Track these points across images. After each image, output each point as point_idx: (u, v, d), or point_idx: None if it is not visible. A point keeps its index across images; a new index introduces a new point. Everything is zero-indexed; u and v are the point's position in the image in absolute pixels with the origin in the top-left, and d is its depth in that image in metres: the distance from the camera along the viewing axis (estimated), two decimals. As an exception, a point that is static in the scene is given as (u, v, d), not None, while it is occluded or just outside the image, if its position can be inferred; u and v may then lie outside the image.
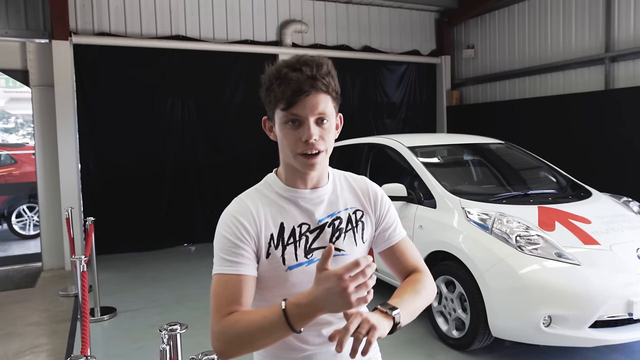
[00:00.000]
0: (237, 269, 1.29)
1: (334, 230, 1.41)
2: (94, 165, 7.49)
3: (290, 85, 1.26)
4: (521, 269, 3.57)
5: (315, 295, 1.13)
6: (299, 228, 1.38)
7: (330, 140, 1.35)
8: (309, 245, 1.37)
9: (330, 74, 1.31)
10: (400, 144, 5.12)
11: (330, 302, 1.12)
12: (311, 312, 1.15)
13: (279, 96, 1.29)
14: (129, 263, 7.07)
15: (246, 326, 1.21)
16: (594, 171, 6.72)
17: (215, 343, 1.24)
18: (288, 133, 1.31)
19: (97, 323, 4.87)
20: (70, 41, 6.99)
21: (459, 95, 10.01)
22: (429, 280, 1.47)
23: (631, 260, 3.64)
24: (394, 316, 1.24)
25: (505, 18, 9.00)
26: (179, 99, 7.97)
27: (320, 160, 1.33)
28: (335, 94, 1.34)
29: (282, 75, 1.28)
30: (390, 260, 1.52)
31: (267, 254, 1.34)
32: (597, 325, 3.48)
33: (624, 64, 7.15)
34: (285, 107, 1.28)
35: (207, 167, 8.15)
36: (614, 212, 4.29)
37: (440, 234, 4.19)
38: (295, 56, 1.32)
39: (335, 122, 1.38)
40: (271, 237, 1.35)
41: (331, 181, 1.46)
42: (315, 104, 1.28)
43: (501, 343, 3.87)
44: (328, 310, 1.14)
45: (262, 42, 8.47)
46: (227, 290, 1.28)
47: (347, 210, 1.45)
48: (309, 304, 1.14)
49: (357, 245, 1.44)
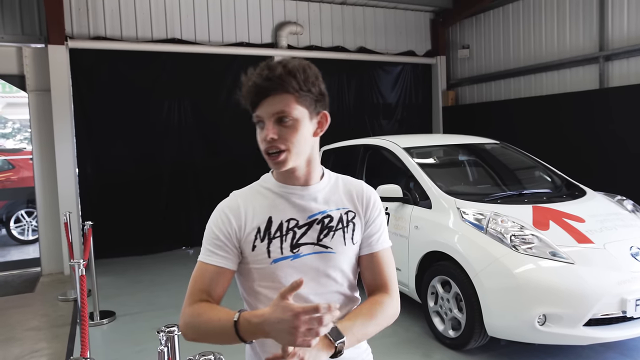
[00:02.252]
0: (216, 260, 1.37)
1: (323, 228, 1.43)
2: (91, 170, 7.51)
3: (252, 89, 1.34)
4: (516, 268, 3.61)
5: (266, 319, 1.17)
6: (287, 223, 1.41)
7: (297, 140, 1.35)
8: (296, 240, 1.40)
9: (289, 74, 1.32)
10: (395, 145, 5.16)
11: (277, 332, 1.15)
12: (258, 332, 1.20)
13: (246, 100, 1.37)
14: (128, 267, 7.10)
15: (204, 322, 1.30)
16: (588, 170, 6.77)
17: (181, 324, 1.36)
18: (258, 134, 1.38)
19: (96, 327, 4.89)
20: (66, 45, 7.01)
21: (455, 96, 10.05)
22: (391, 304, 1.47)
23: (625, 259, 3.67)
24: (337, 345, 1.28)
25: (500, 18, 9.04)
26: (175, 102, 7.98)
27: (285, 158, 1.35)
28: (300, 92, 1.33)
29: (248, 80, 1.36)
30: (365, 267, 1.51)
31: (253, 247, 1.39)
32: (592, 323, 3.51)
33: (618, 63, 7.19)
34: (252, 109, 1.37)
35: (204, 170, 8.17)
36: (607, 210, 4.32)
37: (436, 235, 4.22)
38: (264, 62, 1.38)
39: (310, 121, 1.38)
40: (257, 230, 1.39)
41: (326, 180, 1.49)
42: (272, 104, 1.33)
43: (497, 342, 3.90)
44: (272, 337, 1.17)
45: (258, 44, 8.50)
46: (203, 278, 1.37)
47: (340, 210, 1.47)
48: (258, 324, 1.19)
49: (346, 245, 1.45)
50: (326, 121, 1.45)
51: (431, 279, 4.25)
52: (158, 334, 1.79)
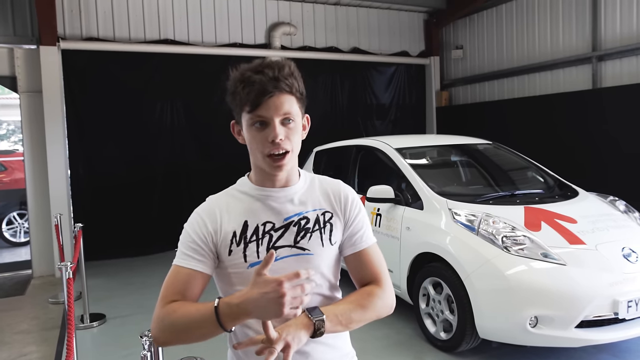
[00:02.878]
0: (191, 264, 1.36)
1: (300, 230, 1.41)
2: (83, 171, 7.45)
3: (254, 88, 1.29)
4: (507, 269, 3.58)
5: (248, 297, 1.15)
6: (263, 226, 1.40)
7: (297, 141, 1.38)
8: (273, 243, 1.39)
9: (293, 75, 1.34)
10: (387, 145, 5.13)
11: (261, 308, 1.13)
12: (240, 313, 1.17)
13: (244, 99, 1.32)
14: (119, 269, 7.05)
15: (181, 316, 1.26)
16: (581, 170, 6.76)
17: (153, 328, 1.31)
18: (255, 135, 1.34)
19: (86, 330, 4.85)
20: (58, 47, 6.96)
21: (448, 96, 10.04)
22: (383, 294, 1.44)
23: (616, 260, 3.65)
24: (315, 322, 1.27)
25: (493, 18, 9.04)
26: (168, 104, 7.94)
27: (287, 160, 1.36)
28: (299, 95, 1.36)
29: (246, 78, 1.31)
30: (353, 266, 1.49)
31: (230, 251, 1.38)
32: (583, 325, 3.49)
33: (611, 63, 7.19)
34: (250, 109, 1.31)
35: (197, 171, 8.12)
36: (600, 211, 4.30)
37: (428, 236, 4.20)
38: (257, 60, 1.36)
39: (301, 123, 1.41)
40: (233, 235, 1.38)
41: (302, 181, 1.48)
42: (279, 105, 1.31)
43: (489, 344, 3.87)
44: (255, 316, 1.16)
45: (251, 45, 8.47)
46: (176, 281, 1.35)
47: (316, 211, 1.45)
48: (239, 304, 1.17)
49: (323, 246, 1.43)
50: (308, 123, 1.47)
51: (423, 280, 4.22)
52: (141, 338, 1.76)
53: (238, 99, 1.34)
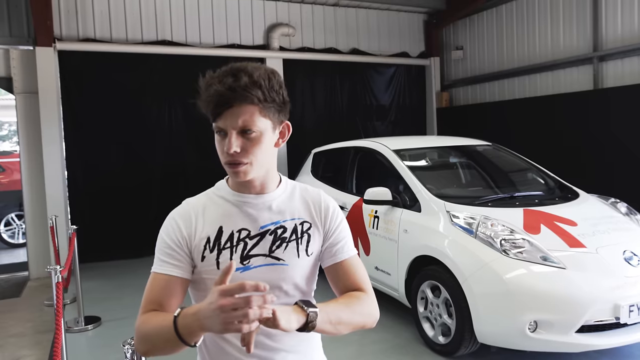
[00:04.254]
0: (167, 269, 1.31)
1: (276, 239, 1.37)
2: (80, 173, 7.40)
3: (213, 99, 1.25)
4: (506, 273, 3.52)
5: (200, 307, 1.09)
6: (238, 233, 1.35)
7: (258, 152, 1.29)
8: (247, 251, 1.34)
9: (255, 84, 1.25)
10: (385, 147, 5.08)
11: (208, 318, 1.06)
12: (195, 325, 1.10)
13: (206, 108, 1.29)
14: (116, 271, 6.99)
15: (151, 328, 1.22)
16: (583, 171, 6.69)
17: (134, 340, 1.27)
18: (217, 143, 1.32)
19: (80, 333, 4.79)
20: (54, 47, 6.92)
21: (449, 97, 9.98)
22: (369, 301, 1.41)
23: (617, 263, 3.59)
24: (309, 312, 1.20)
25: (493, 19, 8.98)
26: (166, 105, 7.89)
27: (245, 170, 1.30)
28: (265, 104, 1.27)
29: (208, 86, 1.27)
30: (334, 277, 1.45)
31: (202, 257, 1.33)
32: (584, 330, 3.43)
33: (613, 63, 7.13)
34: (212, 119, 1.29)
35: (195, 173, 8.06)
36: (601, 213, 4.24)
37: (425, 239, 4.13)
38: (226, 66, 1.29)
39: (273, 132, 1.33)
40: (207, 240, 1.34)
41: (282, 189, 1.43)
42: (236, 116, 1.25)
43: (487, 349, 3.81)
44: (208, 328, 1.08)
45: (250, 46, 8.41)
46: (154, 289, 1.30)
47: (294, 220, 1.41)
48: (193, 314, 1.11)
49: (299, 257, 1.39)
50: (288, 131, 1.40)
51: (421, 283, 4.16)
52: (123, 347, 1.70)
53: (203, 106, 1.30)
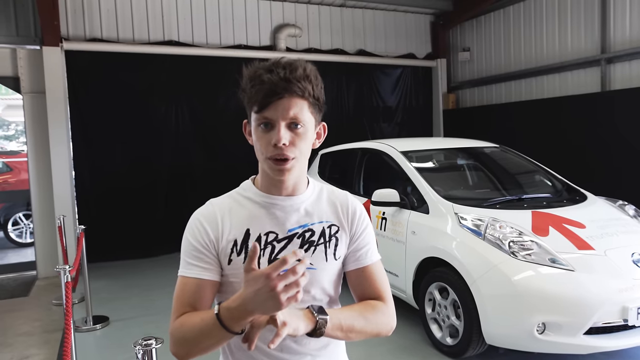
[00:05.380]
0: (195, 273, 1.30)
1: (304, 243, 1.36)
2: (88, 172, 7.42)
3: (263, 88, 1.23)
4: (514, 275, 3.52)
5: (244, 297, 1.10)
6: (266, 236, 1.34)
7: (304, 148, 1.30)
8: (274, 254, 1.33)
9: (307, 78, 1.26)
10: (393, 148, 5.08)
11: (259, 304, 1.07)
12: (242, 315, 1.11)
13: (252, 98, 1.26)
14: (124, 271, 7.02)
15: (189, 329, 1.22)
16: (591, 174, 6.67)
17: (170, 345, 1.26)
18: (260, 136, 1.28)
19: (89, 332, 4.82)
20: (62, 47, 6.95)
21: (455, 99, 9.96)
22: (386, 311, 1.40)
23: (626, 266, 3.58)
24: (318, 319, 1.20)
25: (500, 20, 8.96)
26: (172, 105, 7.92)
27: (291, 166, 1.28)
28: (312, 100, 1.29)
29: (257, 76, 1.25)
30: (355, 282, 1.44)
31: (229, 260, 1.32)
32: (592, 331, 3.43)
33: (620, 65, 7.11)
34: (258, 109, 1.26)
35: (203, 173, 8.09)
36: (609, 216, 4.23)
37: (433, 240, 4.13)
38: (273, 59, 1.28)
39: (314, 130, 1.34)
40: (234, 243, 1.32)
41: (310, 191, 1.41)
42: (287, 108, 1.24)
43: (495, 350, 3.82)
44: (259, 312, 1.10)
45: (256, 47, 8.43)
46: (184, 292, 1.29)
47: (322, 223, 1.39)
48: (238, 307, 1.11)
49: (327, 261, 1.38)
50: (324, 132, 1.40)
51: (428, 285, 4.16)
52: (134, 347, 1.70)
53: (247, 97, 1.28)
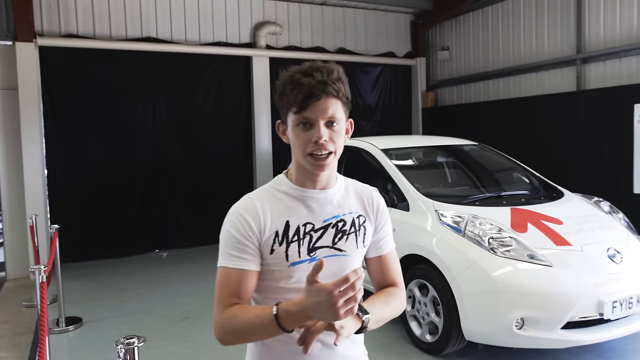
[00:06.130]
0: (240, 264, 1.39)
1: (337, 232, 1.48)
2: (61, 171, 7.26)
3: (302, 90, 1.35)
4: (494, 271, 3.53)
5: (305, 305, 1.21)
6: (304, 227, 1.45)
7: (340, 143, 1.42)
8: (313, 244, 1.45)
9: (340, 80, 1.39)
10: (373, 146, 5.06)
11: (319, 313, 1.20)
12: (301, 319, 1.25)
13: (291, 100, 1.37)
14: (98, 271, 6.88)
15: (242, 322, 1.33)
16: (566, 171, 6.76)
17: (217, 332, 1.37)
18: (300, 134, 1.39)
19: (61, 334, 4.70)
20: (35, 43, 6.79)
21: (434, 97, 10.02)
22: (402, 297, 1.58)
23: (601, 261, 3.63)
24: (364, 319, 1.36)
25: (479, 20, 9.03)
26: (150, 102, 7.80)
27: (329, 161, 1.40)
28: (345, 99, 1.41)
29: (295, 80, 1.36)
30: (375, 268, 1.60)
31: (272, 250, 1.42)
32: (569, 326, 3.46)
33: (595, 65, 7.21)
34: (297, 110, 1.36)
35: (179, 171, 8.00)
36: (585, 212, 4.28)
37: (414, 237, 4.12)
38: (307, 63, 1.40)
39: (345, 127, 1.45)
40: (276, 234, 1.42)
41: (339, 185, 1.54)
42: (325, 108, 1.36)
43: (474, 346, 3.82)
44: (317, 319, 1.23)
45: (236, 44, 8.36)
46: (229, 283, 1.39)
47: (352, 214, 1.52)
48: (299, 312, 1.23)
49: (357, 248, 1.52)
50: (351, 127, 1.51)
51: (408, 282, 4.14)
52: (116, 346, 1.69)
53: (286, 99, 1.39)
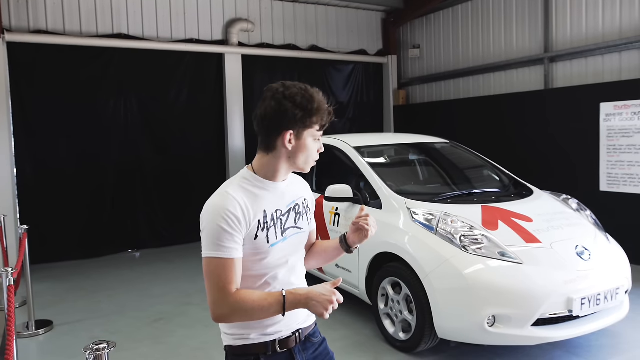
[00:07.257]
0: (232, 253, 1.63)
1: (296, 214, 1.84)
2: (31, 170, 7.11)
3: (327, 116, 1.77)
4: (465, 269, 3.59)
5: (310, 292, 1.60)
6: (276, 213, 1.76)
7: None
8: (283, 225, 1.78)
9: None
10: (346, 144, 5.09)
11: (314, 302, 1.58)
12: (301, 302, 1.59)
13: (317, 120, 1.72)
14: (69, 272, 6.75)
15: (251, 304, 1.61)
16: (532, 169, 6.92)
17: (220, 311, 1.61)
18: (312, 146, 1.77)
19: (31, 338, 4.60)
20: (3, 39, 6.62)
21: (406, 95, 10.11)
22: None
23: (570, 258, 3.71)
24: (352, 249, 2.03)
25: (449, 18, 9.14)
26: (121, 99, 7.69)
27: None
28: None
29: (325, 108, 1.75)
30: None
31: (256, 236, 1.69)
32: (539, 323, 3.53)
33: (562, 64, 7.38)
34: (319, 128, 1.76)
35: (151, 169, 7.91)
36: (554, 209, 4.37)
37: (386, 236, 4.15)
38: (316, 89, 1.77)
39: None
40: (258, 223, 1.70)
41: (291, 176, 1.87)
42: None
43: (447, 344, 3.88)
44: (308, 307, 1.59)
45: (208, 41, 8.29)
46: (226, 271, 1.62)
47: (301, 198, 1.89)
48: (303, 295, 1.60)
49: (309, 224, 1.92)
50: None
51: (381, 280, 4.19)
52: (84, 352, 1.67)
53: (313, 119, 1.71)
